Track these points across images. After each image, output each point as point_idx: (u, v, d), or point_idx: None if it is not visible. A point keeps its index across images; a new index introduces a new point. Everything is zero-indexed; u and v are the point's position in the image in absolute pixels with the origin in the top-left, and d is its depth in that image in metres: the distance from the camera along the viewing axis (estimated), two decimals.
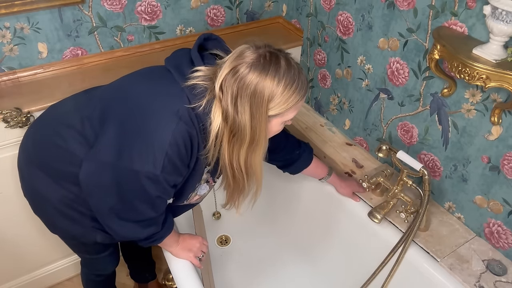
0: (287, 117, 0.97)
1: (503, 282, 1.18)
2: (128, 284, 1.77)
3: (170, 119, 0.89)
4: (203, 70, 0.93)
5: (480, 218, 1.28)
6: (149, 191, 0.93)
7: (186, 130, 0.90)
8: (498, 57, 0.99)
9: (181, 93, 0.92)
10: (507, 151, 1.13)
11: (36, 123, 1.11)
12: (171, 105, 0.91)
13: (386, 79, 1.42)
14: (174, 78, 0.94)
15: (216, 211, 1.86)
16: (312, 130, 1.73)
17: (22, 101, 1.31)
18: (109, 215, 0.98)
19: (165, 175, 0.92)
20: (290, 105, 0.93)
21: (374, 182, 1.39)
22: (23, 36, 1.35)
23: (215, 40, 1.02)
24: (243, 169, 0.99)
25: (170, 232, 1.11)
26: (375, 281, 1.36)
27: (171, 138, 0.89)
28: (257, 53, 0.90)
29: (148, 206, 0.97)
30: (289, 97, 0.91)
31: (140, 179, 0.91)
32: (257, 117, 0.91)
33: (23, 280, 1.66)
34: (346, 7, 1.47)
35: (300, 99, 0.94)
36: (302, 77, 0.94)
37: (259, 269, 1.68)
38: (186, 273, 1.17)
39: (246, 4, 1.72)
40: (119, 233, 1.02)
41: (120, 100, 0.98)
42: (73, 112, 1.04)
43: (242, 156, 0.97)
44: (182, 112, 0.90)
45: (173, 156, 0.90)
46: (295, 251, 1.71)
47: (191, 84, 0.91)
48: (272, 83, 0.89)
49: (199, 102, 0.91)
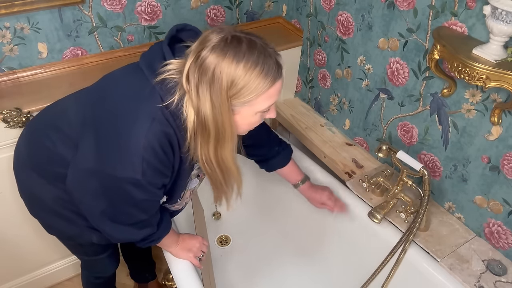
0: (259, 107, 0.88)
1: (503, 282, 1.18)
2: (128, 284, 1.77)
3: (143, 122, 0.85)
4: (174, 63, 0.87)
5: (480, 218, 1.28)
6: (135, 196, 0.91)
7: (161, 131, 0.86)
8: (498, 57, 0.99)
9: (153, 92, 0.86)
10: (507, 151, 1.13)
11: (29, 125, 1.11)
12: (143, 107, 0.86)
13: (386, 79, 1.42)
14: (145, 75, 0.88)
15: (216, 211, 1.87)
16: (312, 130, 1.73)
17: (22, 101, 1.31)
18: (102, 219, 0.97)
19: (148, 179, 0.88)
20: (257, 92, 0.84)
21: (374, 182, 1.39)
22: (23, 36, 1.35)
23: (191, 31, 0.95)
24: (215, 166, 0.93)
25: (167, 232, 1.10)
26: (375, 281, 1.36)
27: (145, 141, 0.84)
28: (219, 36, 0.83)
29: (138, 209, 0.96)
30: (253, 82, 0.83)
31: (123, 185, 0.89)
32: (218, 106, 0.83)
33: (23, 280, 1.66)
34: (346, 7, 1.47)
35: (269, 86, 0.85)
36: (269, 60, 0.84)
37: (259, 269, 1.68)
38: (186, 273, 1.17)
39: (246, 4, 1.72)
40: (114, 236, 1.01)
41: (96, 105, 0.94)
42: (61, 115, 1.03)
43: (211, 151, 0.90)
44: (155, 112, 0.85)
45: (150, 160, 0.86)
46: (295, 251, 1.71)
47: (161, 80, 0.86)
48: (230, 66, 0.81)
49: (171, 98, 0.85)
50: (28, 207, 1.13)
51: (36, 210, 1.12)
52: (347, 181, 1.49)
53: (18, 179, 1.11)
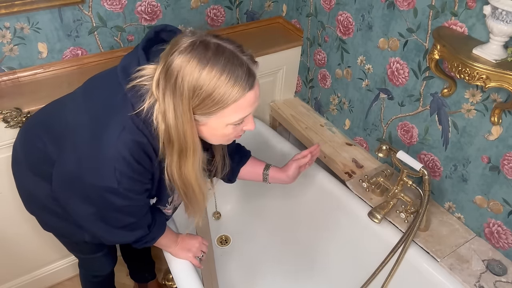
0: (228, 119, 0.81)
1: (503, 282, 1.18)
2: (128, 284, 1.77)
3: (113, 131, 0.82)
4: (147, 68, 0.82)
5: (480, 218, 1.28)
6: (115, 203, 0.89)
7: (131, 140, 0.82)
8: (498, 57, 0.99)
9: (125, 100, 0.82)
10: (507, 151, 1.13)
11: (24, 125, 1.11)
12: (114, 115, 0.83)
13: (386, 79, 1.42)
14: (119, 82, 0.84)
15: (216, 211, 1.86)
16: (312, 130, 1.73)
17: (22, 101, 1.31)
18: (92, 222, 0.96)
19: (125, 186, 0.85)
20: (223, 104, 0.78)
21: (374, 182, 1.39)
22: (23, 36, 1.35)
23: (171, 32, 0.89)
24: (178, 181, 0.89)
25: (161, 233, 1.09)
26: (375, 281, 1.36)
27: (114, 151, 0.81)
28: (189, 40, 0.78)
29: (123, 214, 0.94)
30: (217, 93, 0.76)
31: (102, 193, 0.87)
32: (180, 116, 0.78)
33: (23, 280, 1.66)
34: (346, 7, 1.47)
35: (237, 97, 0.78)
36: (238, 68, 0.77)
37: (259, 269, 1.68)
38: (186, 273, 1.17)
39: (246, 4, 1.72)
40: (106, 238, 1.01)
41: (76, 110, 0.92)
42: (51, 116, 1.03)
43: (174, 164, 0.85)
44: (125, 121, 0.81)
45: (123, 169, 0.83)
46: (295, 251, 1.71)
47: (132, 87, 0.82)
48: (192, 73, 0.75)
49: (142, 106, 0.81)
50: (25, 204, 1.14)
51: (32, 207, 1.13)
52: (347, 181, 1.49)
53: (15, 176, 1.11)
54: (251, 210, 1.88)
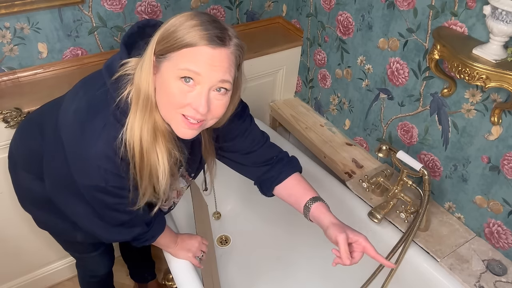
0: (177, 63, 0.76)
1: (503, 282, 1.18)
2: (128, 284, 1.77)
3: (94, 129, 0.81)
4: (131, 61, 0.82)
5: (480, 218, 1.28)
6: (106, 201, 0.89)
7: (113, 137, 0.80)
8: (498, 57, 0.99)
9: (106, 96, 0.82)
10: (507, 151, 1.13)
11: (21, 123, 1.12)
12: (96, 113, 0.82)
13: (386, 79, 1.42)
14: (103, 78, 0.84)
15: (216, 211, 1.86)
16: (312, 130, 1.73)
17: (22, 101, 1.31)
18: (90, 222, 0.97)
19: (112, 184, 0.84)
20: (179, 43, 0.75)
21: (374, 182, 1.39)
22: (23, 36, 1.35)
23: (155, 26, 0.86)
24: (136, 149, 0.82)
25: (161, 231, 1.08)
26: (375, 281, 1.35)
27: (96, 150, 0.80)
28: None
29: (117, 212, 0.93)
30: (181, 31, 0.75)
31: (92, 192, 0.87)
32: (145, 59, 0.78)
33: (23, 280, 1.66)
34: (346, 7, 1.47)
35: (194, 41, 0.74)
36: (209, 24, 0.76)
37: (259, 269, 1.68)
38: (186, 273, 1.17)
39: (246, 4, 1.72)
40: (105, 236, 1.01)
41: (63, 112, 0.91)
42: (46, 116, 1.03)
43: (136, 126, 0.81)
44: (106, 118, 0.81)
45: (107, 167, 0.81)
46: (295, 251, 1.71)
47: (115, 80, 0.81)
48: (171, 20, 0.77)
49: (121, 93, 0.80)
50: (20, 201, 1.15)
51: (26, 204, 1.14)
52: (347, 181, 1.49)
53: (11, 175, 1.13)
54: (251, 210, 1.88)
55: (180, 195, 1.13)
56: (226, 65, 0.77)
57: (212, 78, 0.76)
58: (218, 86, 0.78)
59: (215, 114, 0.82)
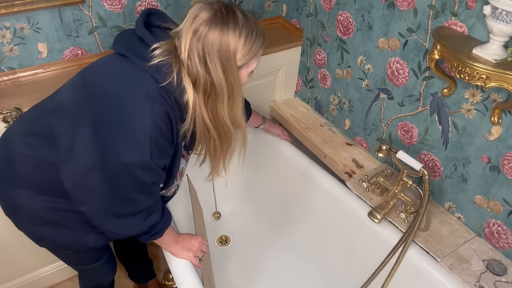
0: (251, 67, 1.00)
1: (503, 282, 1.18)
2: (128, 284, 1.77)
3: (144, 104, 0.89)
4: (161, 45, 0.92)
5: (480, 218, 1.28)
6: (144, 180, 0.93)
7: (162, 110, 0.90)
8: (498, 57, 0.99)
9: (144, 75, 0.91)
10: (507, 151, 1.13)
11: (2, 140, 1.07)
12: (139, 90, 0.91)
13: (386, 79, 1.42)
14: (131, 61, 0.93)
15: (216, 211, 1.87)
16: (312, 130, 1.73)
17: (22, 101, 1.31)
18: (106, 217, 0.96)
19: (155, 160, 0.92)
20: (253, 55, 0.97)
21: (374, 182, 1.39)
22: (23, 36, 1.35)
23: (157, 14, 1.02)
24: (229, 125, 1.02)
25: (169, 223, 1.10)
26: (375, 281, 1.36)
27: (151, 121, 0.88)
28: (212, 10, 0.91)
29: (145, 194, 0.97)
30: (251, 47, 0.95)
31: (132, 170, 0.90)
32: (229, 71, 0.94)
33: (23, 280, 1.66)
34: (346, 7, 1.47)
35: (260, 48, 0.98)
36: (258, 26, 0.97)
37: (259, 269, 1.68)
38: (186, 273, 1.17)
39: (246, 4, 1.72)
40: (119, 232, 1.01)
41: (87, 97, 0.95)
42: (36, 119, 1.02)
43: (225, 112, 0.99)
44: (152, 93, 0.90)
45: (158, 139, 0.90)
46: (295, 251, 1.71)
47: (155, 64, 0.90)
48: (234, 36, 0.92)
49: (169, 78, 0.90)
50: (15, 222, 1.10)
51: (24, 224, 1.10)
52: (347, 181, 1.49)
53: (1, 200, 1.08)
54: (251, 210, 1.88)
55: (182, 176, 1.20)
56: None
57: None
58: None
59: None
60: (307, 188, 1.61)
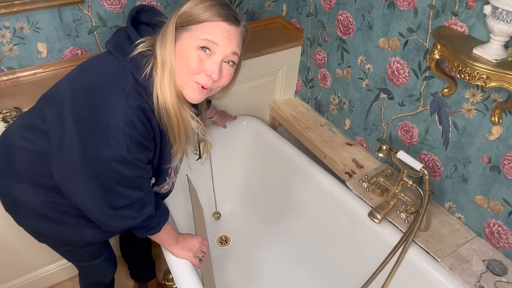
0: (198, 34, 0.89)
1: (504, 282, 1.17)
2: (128, 284, 1.77)
3: (118, 99, 0.87)
4: (144, 41, 0.92)
5: (480, 218, 1.28)
6: (125, 174, 0.92)
7: (136, 105, 0.88)
8: (499, 57, 0.99)
9: (123, 70, 0.90)
10: (508, 151, 1.13)
11: (2, 135, 1.09)
12: (115, 85, 0.89)
13: (386, 79, 1.42)
14: (115, 57, 0.92)
15: (216, 211, 1.86)
16: (312, 130, 1.73)
17: (22, 101, 1.31)
18: (100, 210, 0.96)
19: (133, 155, 0.90)
20: (198, 18, 0.89)
21: (374, 182, 1.39)
22: (22, 36, 1.35)
23: (150, 11, 1.00)
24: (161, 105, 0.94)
25: (166, 218, 1.10)
26: (375, 281, 1.35)
27: (123, 117, 0.86)
28: None
29: (131, 188, 0.96)
30: (199, 9, 0.89)
31: (112, 165, 0.90)
32: (167, 31, 0.90)
33: (23, 280, 1.66)
34: (346, 7, 1.47)
35: (213, 18, 0.88)
36: (223, 5, 0.90)
37: (259, 269, 1.68)
38: (186, 273, 1.17)
39: (246, 4, 1.72)
40: (115, 225, 1.00)
41: (70, 94, 0.96)
42: (32, 113, 1.03)
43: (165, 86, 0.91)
44: (128, 88, 0.88)
45: (132, 134, 0.88)
46: (295, 251, 1.71)
47: (131, 58, 0.90)
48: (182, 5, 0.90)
49: (144, 71, 0.89)
50: (15, 218, 1.11)
51: (23, 219, 1.10)
52: (347, 181, 1.49)
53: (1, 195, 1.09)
54: (251, 210, 1.88)
55: (176, 173, 1.19)
56: (238, 41, 0.93)
57: (226, 49, 0.91)
58: (229, 58, 0.92)
59: (222, 82, 0.96)
60: (307, 188, 1.61)
